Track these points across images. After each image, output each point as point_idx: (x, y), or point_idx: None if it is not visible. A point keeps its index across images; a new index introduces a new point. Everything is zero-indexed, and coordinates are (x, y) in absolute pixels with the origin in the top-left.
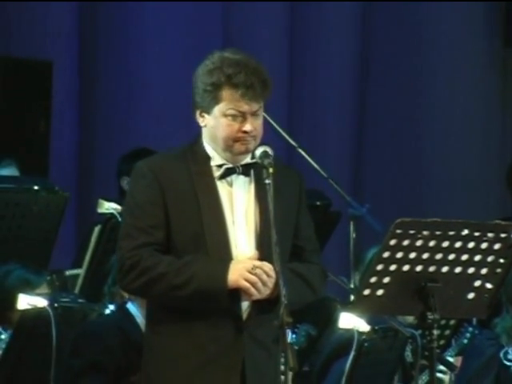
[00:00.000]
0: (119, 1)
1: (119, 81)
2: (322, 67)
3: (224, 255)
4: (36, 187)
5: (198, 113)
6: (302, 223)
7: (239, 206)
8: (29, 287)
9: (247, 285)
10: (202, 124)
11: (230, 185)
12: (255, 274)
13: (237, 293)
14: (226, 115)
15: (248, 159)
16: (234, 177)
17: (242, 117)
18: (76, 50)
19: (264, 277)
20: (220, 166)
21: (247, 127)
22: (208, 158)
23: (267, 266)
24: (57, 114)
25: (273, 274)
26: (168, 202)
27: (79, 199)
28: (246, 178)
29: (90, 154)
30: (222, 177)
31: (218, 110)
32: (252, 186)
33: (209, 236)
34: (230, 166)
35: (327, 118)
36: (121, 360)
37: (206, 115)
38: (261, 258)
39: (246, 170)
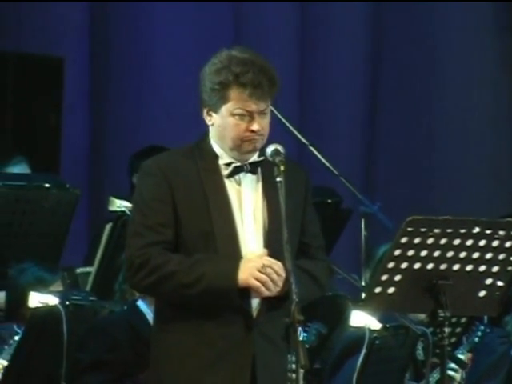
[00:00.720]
0: (130, 0)
1: (130, 77)
2: (333, 65)
3: (233, 253)
4: (47, 184)
5: (205, 111)
6: (309, 220)
7: (247, 204)
8: (43, 285)
9: (257, 284)
10: (209, 123)
11: (239, 183)
12: (265, 273)
13: (247, 291)
14: (233, 114)
15: (255, 157)
16: (241, 175)
17: (250, 116)
18: (87, 46)
19: (274, 276)
20: (228, 165)
21: (255, 126)
22: (216, 157)
23: (277, 264)
24: (68, 111)
25: (283, 272)
26: (177, 200)
27: (90, 196)
28: (254, 176)
29: (101, 150)
30: (231, 175)
31: (225, 109)
32: (260, 184)
33: (218, 234)
34: (239, 164)
35: (338, 116)
36: (130, 356)
37: (213, 114)
38: (270, 256)
39: (253, 168)
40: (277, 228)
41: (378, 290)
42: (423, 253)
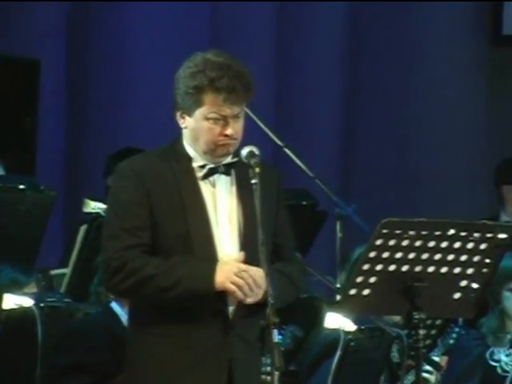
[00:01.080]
0: (108, 0)
1: (107, 78)
2: (310, 67)
3: (210, 255)
4: (22, 186)
5: (178, 114)
6: (281, 221)
7: (222, 206)
8: (17, 287)
9: (233, 287)
10: (182, 125)
11: (213, 185)
12: (242, 278)
13: (224, 293)
14: (207, 118)
15: (229, 159)
16: (216, 177)
17: (224, 120)
18: (64, 48)
19: (250, 281)
20: (202, 167)
21: (229, 131)
22: (189, 159)
23: (254, 270)
24: (44, 113)
25: (260, 279)
26: (153, 202)
27: (66, 198)
28: (228, 178)
29: (77, 152)
30: (205, 177)
31: (199, 113)
32: (234, 186)
33: (194, 236)
34: (213, 165)
35: (314, 118)
36: (106, 359)
37: (186, 117)
38: (246, 258)
39: (227, 170)
40: (252, 230)
41: (353, 291)
42: (398, 255)
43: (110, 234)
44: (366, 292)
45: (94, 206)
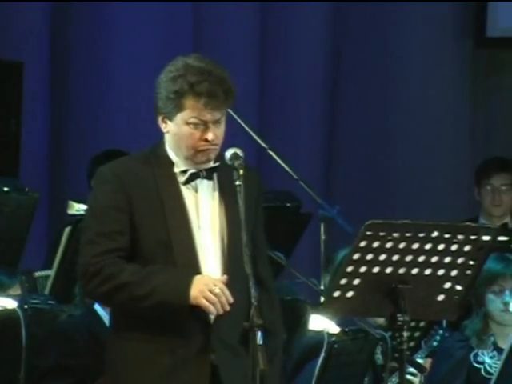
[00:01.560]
0: (91, 1)
1: (90, 81)
2: (292, 67)
3: (190, 260)
4: (6, 188)
5: (160, 118)
6: (259, 225)
7: (205, 210)
8: (1, 289)
9: (206, 303)
10: (164, 130)
11: (195, 189)
12: (215, 295)
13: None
14: (188, 123)
15: (211, 163)
16: (198, 181)
17: (204, 125)
18: (47, 50)
19: (223, 299)
20: (184, 172)
21: (209, 136)
22: (172, 164)
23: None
24: (28, 115)
25: (231, 299)
26: (133, 207)
27: (50, 200)
28: (210, 182)
29: (60, 154)
30: (187, 182)
31: (180, 117)
32: (216, 191)
33: (175, 241)
34: (194, 170)
35: (298, 119)
36: (89, 361)
37: (168, 121)
38: (229, 262)
39: (209, 174)
40: (235, 233)
41: (336, 294)
42: (382, 257)
43: (88, 239)
44: (349, 294)
45: (78, 208)
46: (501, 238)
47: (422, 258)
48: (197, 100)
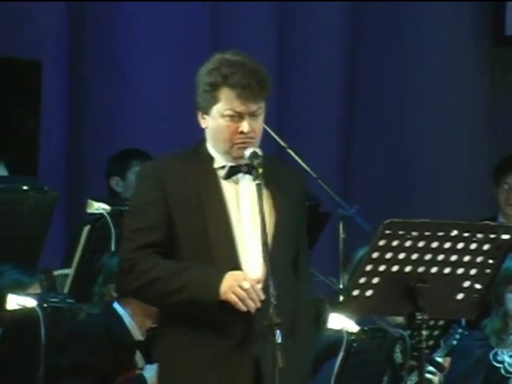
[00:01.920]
0: (109, 1)
1: (108, 80)
2: (311, 67)
3: (228, 253)
4: (25, 187)
5: (199, 114)
6: (303, 226)
7: (245, 204)
8: (21, 288)
9: (235, 299)
10: (203, 125)
11: (236, 183)
12: (246, 290)
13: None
14: (223, 116)
15: None
16: (240, 176)
17: (240, 117)
18: (65, 49)
19: (253, 295)
20: (223, 167)
21: (245, 128)
22: (211, 159)
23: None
24: (46, 114)
25: (262, 296)
26: (170, 202)
27: (69, 199)
28: (252, 177)
29: (79, 153)
30: (228, 176)
31: (216, 110)
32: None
33: (212, 233)
34: (234, 164)
35: (316, 118)
36: (107, 360)
37: (206, 116)
38: (269, 256)
39: (251, 169)
40: (278, 228)
41: (355, 292)
42: (401, 255)
43: (125, 236)
44: (368, 293)
45: (98, 207)
46: None
47: (441, 257)
48: (230, 91)
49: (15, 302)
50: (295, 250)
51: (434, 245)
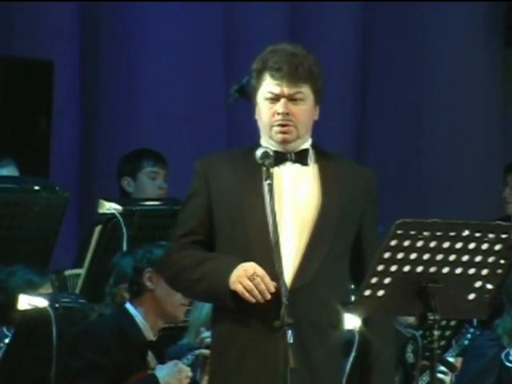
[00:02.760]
0: (120, 1)
1: (120, 80)
2: (323, 61)
3: (265, 242)
4: (37, 187)
5: (256, 109)
6: (367, 226)
7: (288, 192)
8: (32, 288)
9: (242, 289)
10: (256, 116)
11: (281, 172)
12: (253, 281)
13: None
14: (264, 99)
15: (303, 146)
16: (288, 164)
17: (278, 100)
18: (77, 49)
19: (262, 286)
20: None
21: (280, 108)
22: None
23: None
24: (58, 114)
25: (272, 288)
26: (212, 190)
27: (80, 199)
28: (303, 167)
29: (90, 153)
30: (275, 164)
31: (259, 95)
32: (312, 176)
33: (249, 220)
34: (280, 150)
35: (327, 118)
36: (120, 360)
37: (256, 107)
38: (312, 245)
39: (299, 158)
40: (323, 218)
41: (367, 292)
42: (413, 255)
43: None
44: (380, 293)
45: (109, 207)
46: None
47: (452, 257)
48: (268, 74)
49: (27, 302)
50: (351, 242)
51: (446, 245)
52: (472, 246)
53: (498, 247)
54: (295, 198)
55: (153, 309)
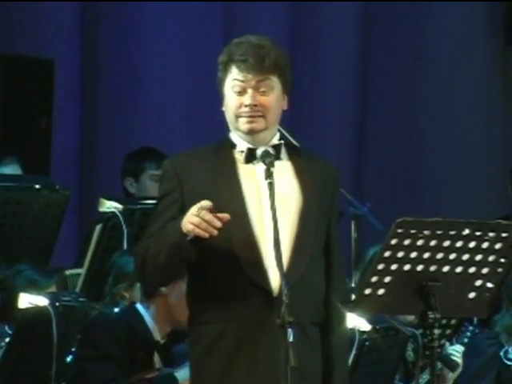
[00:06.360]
0: (121, 0)
1: (121, 78)
2: (323, 65)
3: (245, 232)
4: (37, 186)
5: (223, 101)
6: (334, 222)
7: (264, 185)
8: (36, 288)
9: (192, 226)
10: (223, 108)
11: (255, 167)
12: (198, 216)
13: (265, 272)
14: (230, 91)
15: (275, 140)
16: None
17: (244, 91)
18: (78, 47)
19: (208, 216)
20: (243, 152)
21: (247, 100)
22: (232, 146)
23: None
24: (58, 112)
25: (217, 224)
26: (185, 189)
27: (81, 198)
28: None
29: (91, 152)
30: (249, 161)
31: (226, 87)
32: (287, 168)
33: (228, 213)
34: (252, 147)
35: (328, 117)
36: (128, 354)
37: (224, 98)
38: (296, 241)
39: (275, 153)
40: (303, 214)
41: (367, 291)
42: (413, 254)
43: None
44: (380, 291)
45: (109, 205)
46: None
47: (452, 256)
48: (233, 65)
49: (27, 300)
50: (325, 238)
51: (446, 244)
52: (472, 244)
53: (498, 246)
54: (277, 194)
55: (163, 313)
